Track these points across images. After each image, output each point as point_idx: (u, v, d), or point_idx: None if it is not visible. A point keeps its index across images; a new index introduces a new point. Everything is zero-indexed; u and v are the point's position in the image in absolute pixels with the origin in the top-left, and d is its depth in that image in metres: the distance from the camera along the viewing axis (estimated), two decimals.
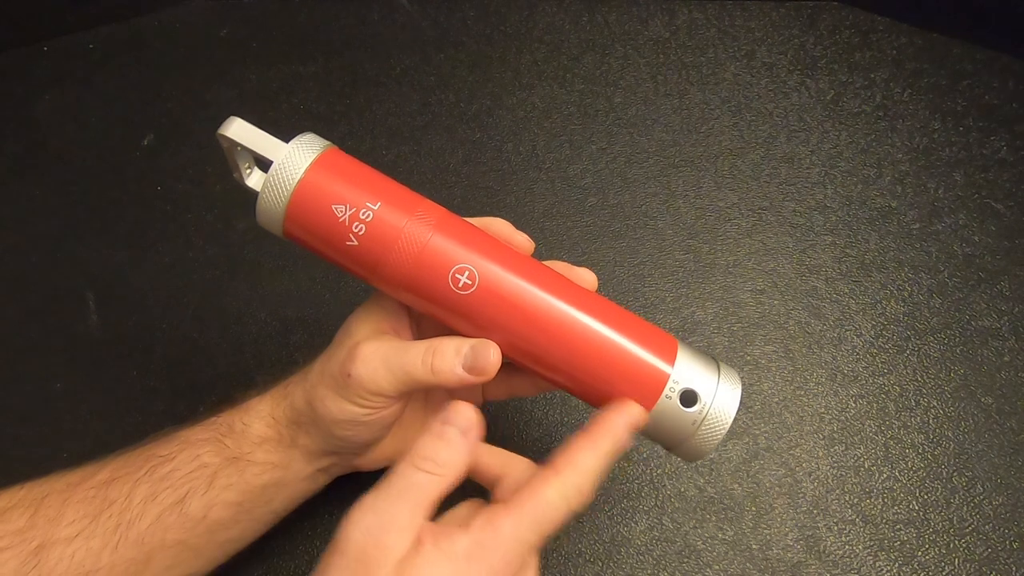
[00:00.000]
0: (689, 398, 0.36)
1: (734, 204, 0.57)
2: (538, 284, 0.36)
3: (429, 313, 0.37)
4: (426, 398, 0.43)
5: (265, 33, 0.63)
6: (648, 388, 0.36)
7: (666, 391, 0.36)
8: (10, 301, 0.54)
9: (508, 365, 0.37)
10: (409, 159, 0.59)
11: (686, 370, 0.36)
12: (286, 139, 0.36)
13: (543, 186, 0.58)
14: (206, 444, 0.38)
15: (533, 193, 0.58)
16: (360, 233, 0.35)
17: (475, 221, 0.38)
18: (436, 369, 0.35)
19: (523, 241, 0.39)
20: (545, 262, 0.38)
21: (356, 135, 0.59)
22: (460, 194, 0.58)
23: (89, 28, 0.63)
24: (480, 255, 0.36)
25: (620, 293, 0.55)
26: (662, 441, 0.38)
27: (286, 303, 0.54)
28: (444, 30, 0.63)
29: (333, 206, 0.35)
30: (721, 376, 0.37)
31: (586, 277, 0.39)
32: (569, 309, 0.36)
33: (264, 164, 0.36)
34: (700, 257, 0.56)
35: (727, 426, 0.36)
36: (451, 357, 0.35)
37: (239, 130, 0.36)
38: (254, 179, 0.38)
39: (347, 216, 0.35)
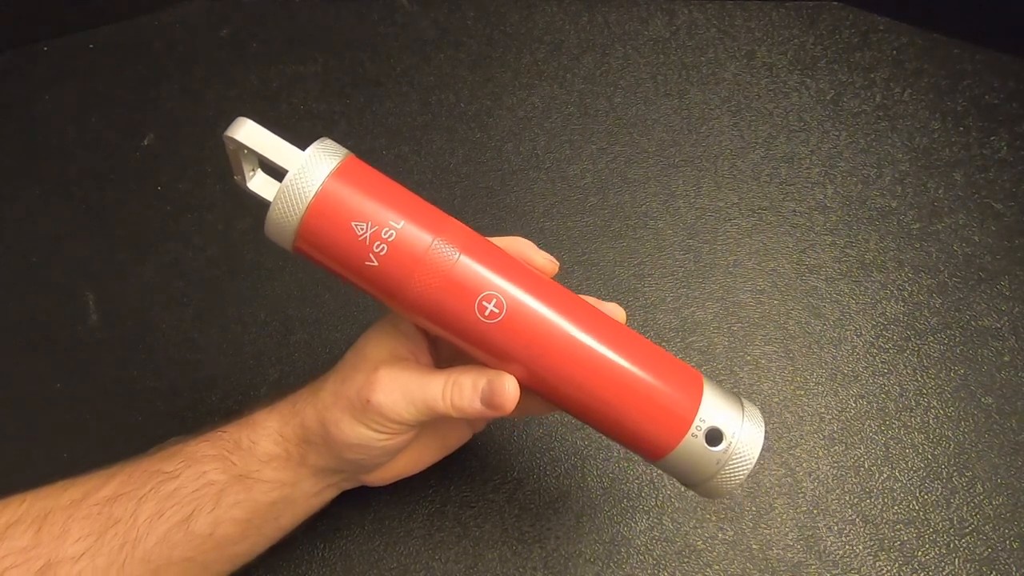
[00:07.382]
0: (714, 436, 0.35)
1: (734, 204, 0.57)
2: (566, 315, 0.34)
3: (447, 340, 0.35)
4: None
5: (265, 33, 0.63)
6: (674, 426, 0.35)
7: (692, 429, 0.35)
8: (10, 301, 0.54)
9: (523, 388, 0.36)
10: (409, 159, 0.59)
11: (712, 408, 0.35)
12: (297, 143, 0.33)
13: (543, 186, 0.58)
14: (212, 461, 0.37)
15: (533, 193, 0.58)
16: (381, 253, 0.32)
17: (498, 241, 0.37)
18: (456, 406, 0.35)
19: (546, 262, 0.37)
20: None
21: (356, 135, 0.59)
22: (460, 194, 0.58)
23: (89, 28, 0.63)
24: (509, 281, 0.34)
25: (620, 293, 0.55)
26: (682, 478, 0.37)
27: (286, 303, 0.54)
28: (444, 30, 0.63)
29: (353, 223, 0.32)
30: (745, 414, 0.36)
31: (615, 312, 0.37)
32: (596, 344, 0.34)
33: (271, 168, 0.33)
34: (700, 257, 0.56)
35: (751, 466, 0.35)
36: (469, 392, 0.35)
37: (250, 133, 0.32)
38: (257, 183, 0.35)
39: (368, 234, 0.32)
